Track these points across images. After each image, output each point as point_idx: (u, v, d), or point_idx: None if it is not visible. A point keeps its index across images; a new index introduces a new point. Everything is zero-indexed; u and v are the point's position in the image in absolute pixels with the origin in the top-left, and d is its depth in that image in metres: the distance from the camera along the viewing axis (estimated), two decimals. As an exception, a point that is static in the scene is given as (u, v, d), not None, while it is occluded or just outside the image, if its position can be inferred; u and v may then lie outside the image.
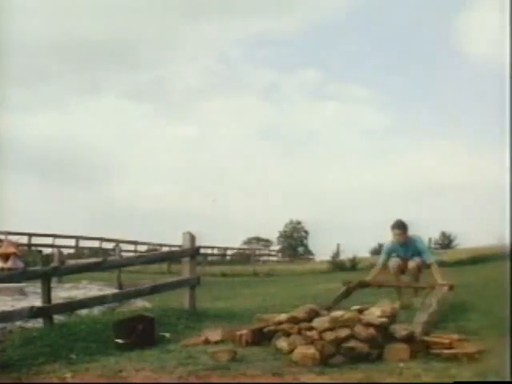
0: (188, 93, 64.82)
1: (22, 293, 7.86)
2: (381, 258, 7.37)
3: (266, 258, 38.30)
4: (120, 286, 10.94)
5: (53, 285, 6.75)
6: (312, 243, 48.24)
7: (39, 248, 21.39)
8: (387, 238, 7.41)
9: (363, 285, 6.98)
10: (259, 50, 66.92)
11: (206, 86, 65.96)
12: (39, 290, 6.51)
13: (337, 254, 23.08)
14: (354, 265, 21.15)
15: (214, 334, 5.50)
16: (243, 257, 34.99)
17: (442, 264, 19.17)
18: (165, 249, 24.57)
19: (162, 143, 65.42)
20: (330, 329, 4.64)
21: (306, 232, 51.03)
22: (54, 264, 7.84)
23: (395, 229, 7.24)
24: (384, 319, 4.72)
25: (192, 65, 65.99)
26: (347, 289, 6.75)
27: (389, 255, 7.28)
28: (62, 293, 7.94)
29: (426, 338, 4.82)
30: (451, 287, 6.40)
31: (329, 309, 5.70)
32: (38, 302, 6.37)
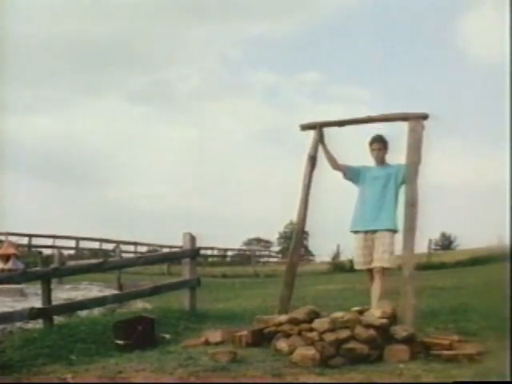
0: (189, 94, 64.95)
1: (22, 294, 7.86)
2: (350, 167, 6.25)
3: (266, 259, 38.29)
4: (120, 287, 10.95)
5: (53, 286, 6.75)
6: (312, 244, 48.23)
7: (39, 249, 21.39)
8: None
9: (324, 125, 6.25)
10: (260, 52, 67.04)
11: (207, 88, 66.12)
12: (39, 291, 6.51)
13: (337, 255, 23.07)
14: (353, 266, 21.12)
15: (214, 335, 5.49)
16: (243, 258, 34.98)
17: (442, 265, 19.32)
18: (165, 250, 24.58)
19: (163, 144, 65.55)
20: (330, 330, 4.63)
21: (306, 233, 50.92)
22: (54, 265, 7.85)
23: (374, 143, 6.07)
24: (384, 320, 4.72)
25: (193, 67, 66.15)
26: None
27: (359, 170, 6.15)
28: (62, 294, 7.94)
29: (426, 339, 4.82)
30: (425, 117, 5.81)
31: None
32: (38, 303, 6.37)
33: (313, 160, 6.26)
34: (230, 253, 36.94)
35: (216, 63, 68.60)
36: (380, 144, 6.06)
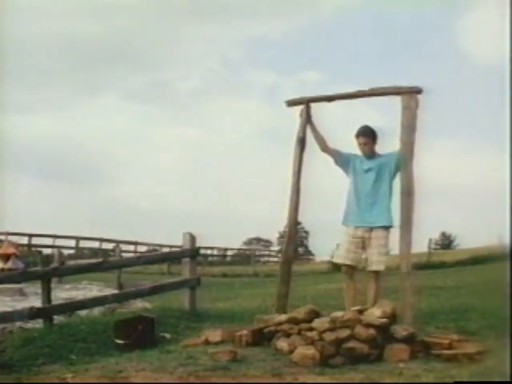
0: (189, 94, 64.99)
1: (22, 293, 7.87)
2: (341, 153, 5.84)
3: (266, 258, 38.30)
4: (120, 287, 10.94)
5: (53, 285, 6.75)
6: (312, 243, 48.27)
7: (39, 248, 21.39)
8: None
9: (312, 101, 5.92)
10: (260, 52, 67.05)
11: (208, 88, 66.20)
12: (39, 291, 6.51)
13: (337, 255, 22.98)
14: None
15: (214, 335, 5.49)
16: (243, 257, 35.01)
17: (442, 264, 19.30)
18: (165, 249, 24.59)
19: (163, 144, 65.65)
20: (330, 329, 4.63)
21: (307, 232, 50.96)
22: (54, 264, 7.85)
23: (360, 136, 5.63)
24: (384, 320, 4.72)
25: (193, 66, 66.21)
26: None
27: (349, 158, 5.76)
28: (62, 293, 7.94)
29: (426, 339, 4.82)
30: (419, 91, 5.36)
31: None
32: (38, 303, 6.37)
33: (302, 142, 5.88)
34: (229, 252, 36.99)
35: (216, 63, 68.67)
36: (366, 138, 5.64)
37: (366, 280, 5.88)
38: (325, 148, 5.90)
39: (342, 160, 5.84)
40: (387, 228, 5.60)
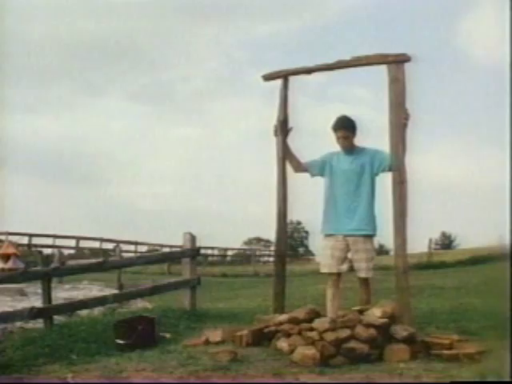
0: (191, 94, 65.03)
1: (23, 293, 7.88)
2: (313, 161, 5.42)
3: (266, 258, 38.30)
4: (120, 287, 10.96)
5: (53, 285, 6.75)
6: (312, 243, 48.27)
7: (39, 248, 21.39)
8: (389, 238, 5.31)
9: (290, 73, 5.54)
10: (262, 52, 67.06)
11: (210, 88, 66.25)
12: (39, 291, 6.51)
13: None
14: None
15: (215, 335, 5.49)
16: (244, 257, 35.06)
17: (442, 264, 19.31)
18: (165, 249, 24.61)
19: (164, 144, 65.73)
20: (331, 329, 4.63)
21: (307, 232, 51.04)
22: (55, 264, 7.84)
23: (340, 130, 5.12)
24: (385, 320, 4.72)
25: (195, 67, 66.25)
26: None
27: (324, 162, 5.32)
28: (63, 293, 7.96)
29: (426, 339, 4.82)
30: (407, 59, 4.82)
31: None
32: (38, 303, 6.38)
33: (284, 124, 5.51)
34: (230, 252, 37.06)
35: (218, 63, 68.70)
36: (346, 131, 5.14)
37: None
38: (298, 169, 5.53)
39: (317, 168, 5.43)
40: (371, 236, 5.28)
